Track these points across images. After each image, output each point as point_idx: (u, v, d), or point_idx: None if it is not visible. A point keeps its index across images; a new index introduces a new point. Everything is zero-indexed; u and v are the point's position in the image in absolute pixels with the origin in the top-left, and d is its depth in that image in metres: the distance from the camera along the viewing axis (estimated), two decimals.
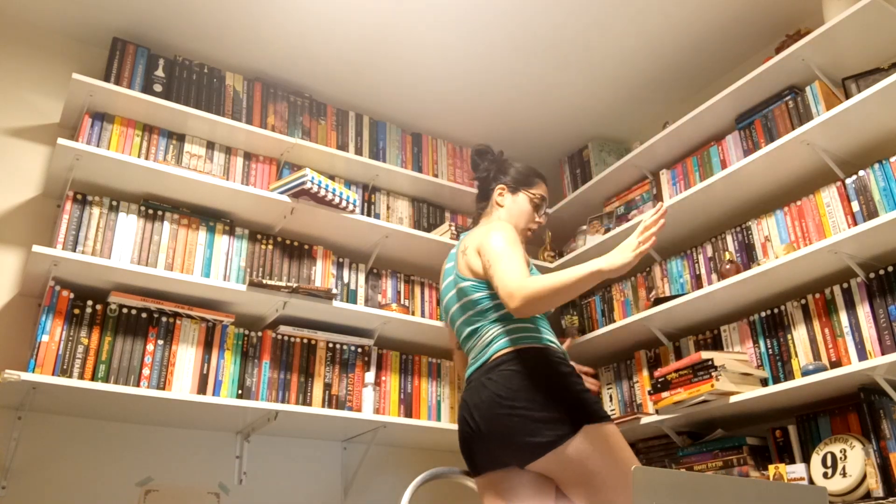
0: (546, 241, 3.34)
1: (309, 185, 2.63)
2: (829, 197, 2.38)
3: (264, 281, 2.50)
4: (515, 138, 3.50)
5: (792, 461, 2.34)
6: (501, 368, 1.86)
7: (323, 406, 2.61)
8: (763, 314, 2.52)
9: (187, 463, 2.55)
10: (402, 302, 2.98)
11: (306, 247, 2.83)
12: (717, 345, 2.65)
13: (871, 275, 2.24)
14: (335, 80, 3.11)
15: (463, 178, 3.37)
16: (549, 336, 1.95)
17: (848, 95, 2.41)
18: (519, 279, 1.81)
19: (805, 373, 2.25)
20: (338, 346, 2.73)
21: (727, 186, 2.66)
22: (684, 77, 3.15)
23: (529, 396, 1.79)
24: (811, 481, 2.21)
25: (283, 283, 2.52)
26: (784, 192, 2.68)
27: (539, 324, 1.95)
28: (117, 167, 2.48)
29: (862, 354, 2.21)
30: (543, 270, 3.20)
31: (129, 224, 2.50)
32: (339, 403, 2.65)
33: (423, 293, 3.06)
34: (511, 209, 2.17)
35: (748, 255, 2.60)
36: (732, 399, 2.37)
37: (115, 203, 2.51)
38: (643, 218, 2.30)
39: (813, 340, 2.35)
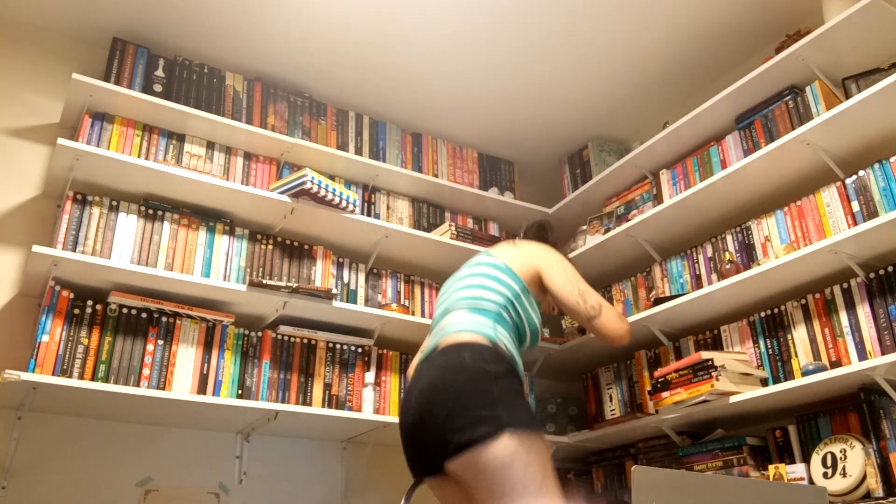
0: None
1: (309, 185, 2.63)
2: (829, 197, 2.38)
3: (264, 281, 2.50)
4: (515, 138, 3.50)
5: (792, 461, 2.34)
6: (443, 359, 1.77)
7: (323, 406, 2.61)
8: (763, 314, 2.52)
9: (187, 463, 2.55)
10: (402, 302, 2.98)
11: (306, 247, 2.83)
12: (717, 345, 2.65)
13: (871, 275, 2.24)
14: (335, 80, 3.11)
15: (463, 177, 3.37)
16: (496, 336, 1.84)
17: (848, 95, 2.41)
18: (620, 317, 2.06)
19: (805, 373, 2.25)
20: (338, 346, 2.73)
21: (727, 186, 2.66)
22: (684, 77, 3.15)
23: (459, 387, 1.69)
24: (811, 481, 2.21)
25: (283, 283, 2.52)
26: (784, 192, 2.68)
27: (497, 327, 1.87)
28: (117, 167, 2.48)
29: (862, 354, 2.21)
30: None
31: (129, 224, 2.50)
32: (339, 403, 2.65)
33: (423, 293, 3.06)
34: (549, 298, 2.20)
35: (748, 255, 2.60)
36: (732, 399, 2.37)
37: (115, 203, 2.51)
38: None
39: (813, 340, 2.35)
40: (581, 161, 3.46)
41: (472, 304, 1.90)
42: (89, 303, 2.34)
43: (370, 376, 2.72)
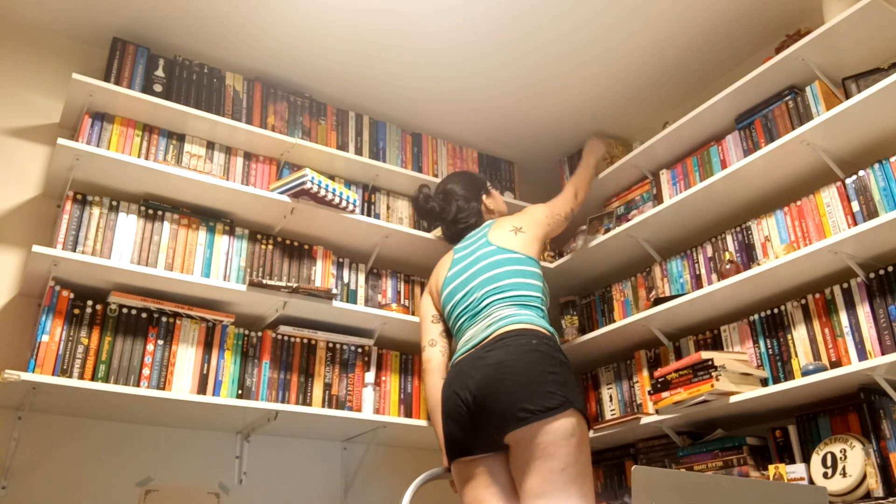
0: (546, 241, 3.34)
1: (309, 185, 2.63)
2: (829, 197, 2.38)
3: (264, 281, 2.50)
4: (515, 138, 3.50)
5: (792, 461, 2.34)
6: (506, 341, 1.98)
7: (323, 406, 2.61)
8: (763, 314, 2.52)
9: (187, 463, 2.55)
10: (402, 302, 2.98)
11: (306, 247, 2.83)
12: (717, 345, 2.65)
13: (871, 275, 2.24)
14: (335, 80, 3.11)
15: None
16: (554, 330, 2.10)
17: (848, 95, 2.41)
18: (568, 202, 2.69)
19: (805, 373, 2.25)
20: (338, 346, 2.73)
21: (727, 186, 2.66)
22: (684, 77, 3.15)
23: (531, 367, 1.90)
24: (811, 481, 2.21)
25: (283, 283, 2.52)
26: (784, 192, 2.68)
27: (546, 318, 2.14)
28: (117, 167, 2.48)
29: (862, 354, 2.22)
30: (544, 271, 3.20)
31: (129, 224, 2.50)
32: (339, 403, 2.65)
33: (422, 293, 3.06)
34: (498, 206, 2.62)
35: (748, 255, 2.60)
36: (732, 399, 2.37)
37: (115, 203, 2.51)
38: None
39: (813, 340, 2.35)
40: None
41: (515, 301, 2.12)
42: (89, 303, 2.34)
43: (370, 376, 2.72)
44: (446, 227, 2.57)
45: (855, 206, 2.30)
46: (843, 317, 2.29)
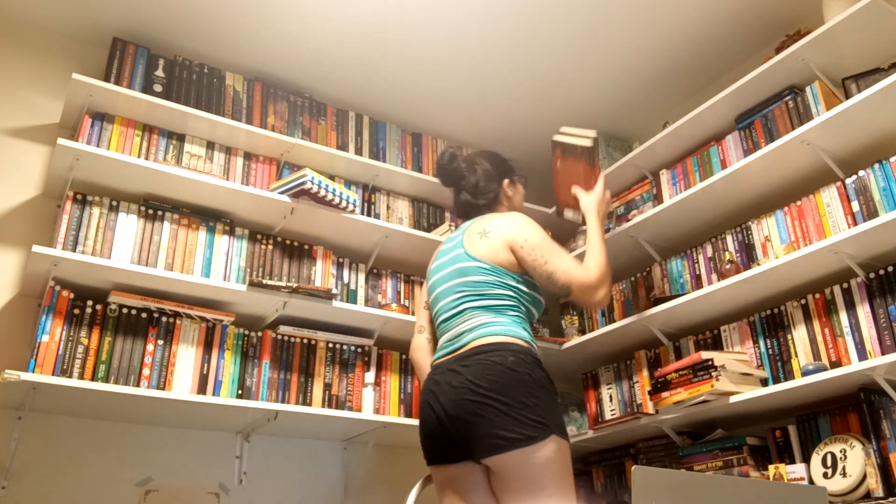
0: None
1: (309, 185, 2.63)
2: (829, 197, 2.38)
3: (264, 281, 2.50)
4: (515, 138, 3.50)
5: (792, 461, 2.34)
6: (480, 358, 1.89)
7: (323, 406, 2.61)
8: (763, 314, 2.52)
9: (187, 463, 2.55)
10: (402, 302, 2.98)
11: (306, 247, 2.83)
12: (717, 345, 2.65)
13: (871, 275, 2.24)
14: (335, 80, 3.11)
15: None
16: (531, 337, 1.99)
17: (848, 95, 2.41)
18: (589, 272, 2.05)
19: (805, 373, 2.25)
20: (338, 346, 2.73)
21: (727, 186, 2.66)
22: (684, 77, 3.15)
23: (507, 391, 1.82)
24: (811, 481, 2.21)
25: (283, 283, 2.53)
26: (784, 192, 2.68)
27: (523, 324, 2.01)
28: (117, 167, 2.48)
29: (862, 354, 2.21)
30: None
31: (129, 224, 2.50)
32: (339, 403, 2.65)
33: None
34: (515, 199, 2.34)
35: (748, 255, 2.60)
36: (732, 399, 2.37)
37: (115, 203, 2.51)
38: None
39: (813, 340, 2.35)
40: None
41: (489, 307, 2.00)
42: (89, 303, 2.34)
43: (370, 376, 2.72)
44: (457, 196, 2.34)
45: (855, 206, 2.30)
46: (843, 317, 2.29)
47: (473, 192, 2.28)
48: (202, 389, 2.42)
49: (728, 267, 2.54)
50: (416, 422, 2.68)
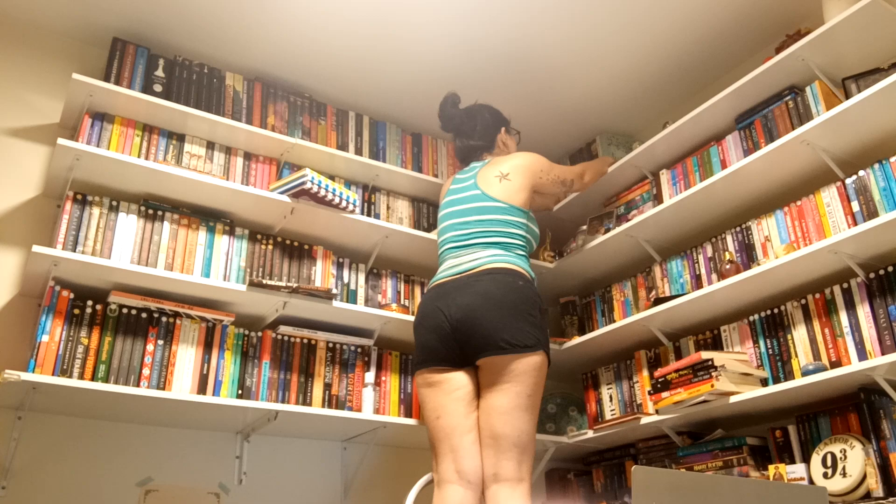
0: (546, 242, 3.34)
1: (309, 185, 2.63)
2: (829, 197, 2.38)
3: (264, 281, 2.50)
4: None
5: (792, 461, 2.34)
6: (493, 276, 2.23)
7: (323, 406, 2.61)
8: (763, 314, 2.52)
9: (187, 463, 2.55)
10: (402, 302, 2.98)
11: (306, 247, 2.83)
12: (717, 345, 2.65)
13: (871, 275, 2.24)
14: (335, 80, 3.11)
15: None
16: (533, 272, 2.34)
17: (848, 95, 2.41)
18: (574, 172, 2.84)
19: (805, 373, 2.25)
20: (338, 346, 2.73)
21: (727, 186, 2.66)
22: (684, 77, 3.15)
23: (516, 304, 2.17)
24: (811, 481, 2.21)
25: (283, 283, 2.52)
26: (784, 192, 2.68)
27: (527, 259, 2.39)
28: (117, 167, 2.48)
29: (862, 354, 2.22)
30: (543, 271, 3.21)
31: (129, 224, 2.50)
32: (339, 403, 2.65)
33: (423, 293, 3.06)
34: (510, 148, 2.77)
35: (748, 255, 2.60)
36: (732, 399, 2.37)
37: (115, 203, 2.51)
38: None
39: (813, 340, 2.35)
40: (590, 155, 3.44)
41: (499, 243, 2.33)
42: (89, 303, 2.34)
43: (370, 376, 2.72)
44: (459, 140, 2.72)
45: (855, 206, 2.30)
46: (843, 317, 2.29)
47: (472, 135, 2.68)
48: (202, 389, 2.42)
49: (728, 267, 2.54)
50: (416, 422, 2.68)
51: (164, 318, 2.44)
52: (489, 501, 2.10)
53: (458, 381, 2.21)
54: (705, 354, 2.44)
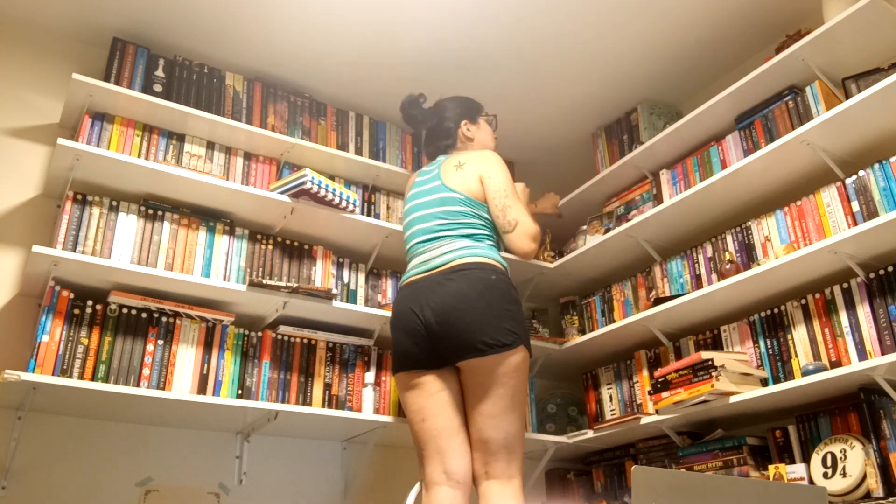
0: (546, 242, 3.34)
1: (309, 185, 2.63)
2: (829, 197, 2.38)
3: (264, 281, 2.50)
4: (514, 138, 3.49)
5: (792, 461, 2.34)
6: (465, 273, 2.16)
7: (323, 406, 2.61)
8: (763, 314, 2.52)
9: (187, 463, 2.55)
10: None
11: (306, 247, 2.83)
12: (717, 345, 2.65)
13: (871, 275, 2.24)
14: (335, 80, 3.11)
15: None
16: (505, 263, 2.27)
17: (848, 95, 2.41)
18: (533, 225, 2.33)
19: (805, 373, 2.25)
20: (338, 346, 2.73)
21: (727, 186, 2.66)
22: (684, 77, 3.15)
23: (492, 302, 2.12)
24: (811, 481, 2.21)
25: (283, 283, 2.52)
26: (784, 192, 2.68)
27: (498, 250, 2.31)
28: (117, 167, 2.48)
29: (862, 354, 2.22)
30: (543, 271, 3.20)
31: (129, 224, 2.50)
32: (339, 403, 2.65)
33: None
34: (479, 138, 2.61)
35: (748, 255, 2.60)
36: (732, 399, 2.37)
37: (115, 203, 2.51)
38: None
39: (813, 340, 2.35)
40: (629, 126, 3.25)
41: (467, 233, 2.28)
42: (89, 303, 2.34)
43: (370, 376, 2.72)
44: (425, 138, 2.68)
45: (855, 206, 2.30)
46: (843, 317, 2.29)
47: (432, 134, 2.62)
48: (202, 389, 2.42)
49: (728, 267, 2.54)
50: None
51: (164, 318, 2.44)
52: (481, 497, 2.10)
53: (439, 383, 2.18)
54: (705, 354, 2.44)
